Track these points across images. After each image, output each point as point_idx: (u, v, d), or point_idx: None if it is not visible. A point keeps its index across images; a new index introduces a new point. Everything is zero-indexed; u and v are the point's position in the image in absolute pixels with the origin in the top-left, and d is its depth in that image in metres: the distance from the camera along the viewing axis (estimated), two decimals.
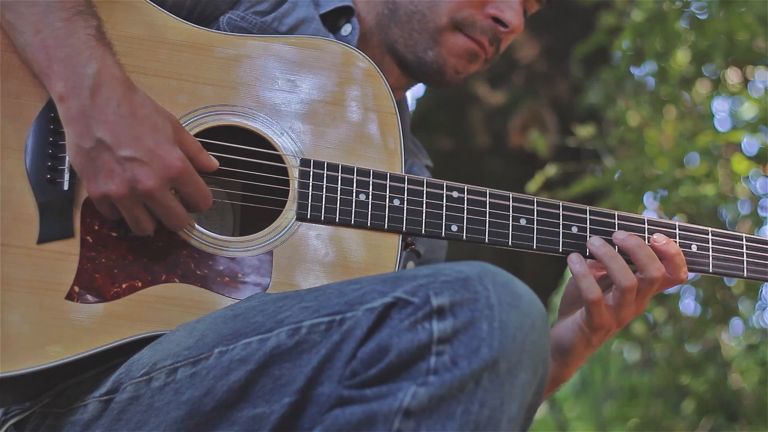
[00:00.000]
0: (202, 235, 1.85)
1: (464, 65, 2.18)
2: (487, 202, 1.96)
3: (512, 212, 1.97)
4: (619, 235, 1.96)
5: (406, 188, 1.94)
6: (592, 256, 1.96)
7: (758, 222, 5.56)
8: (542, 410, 6.97)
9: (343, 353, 1.57)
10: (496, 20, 2.14)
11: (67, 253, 1.79)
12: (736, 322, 6.13)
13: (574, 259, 1.93)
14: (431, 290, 1.54)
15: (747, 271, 2.05)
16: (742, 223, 5.95)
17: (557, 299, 5.78)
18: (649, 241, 1.97)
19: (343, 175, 1.92)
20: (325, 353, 1.59)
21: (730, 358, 5.81)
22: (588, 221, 2.00)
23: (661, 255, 1.95)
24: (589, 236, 1.98)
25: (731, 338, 6.12)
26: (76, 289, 1.77)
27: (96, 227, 1.81)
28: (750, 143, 5.37)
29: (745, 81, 5.66)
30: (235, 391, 1.64)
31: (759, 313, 5.99)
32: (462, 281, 1.55)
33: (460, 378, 1.50)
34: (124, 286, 1.80)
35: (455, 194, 1.96)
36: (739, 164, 5.13)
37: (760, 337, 5.96)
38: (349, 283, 1.65)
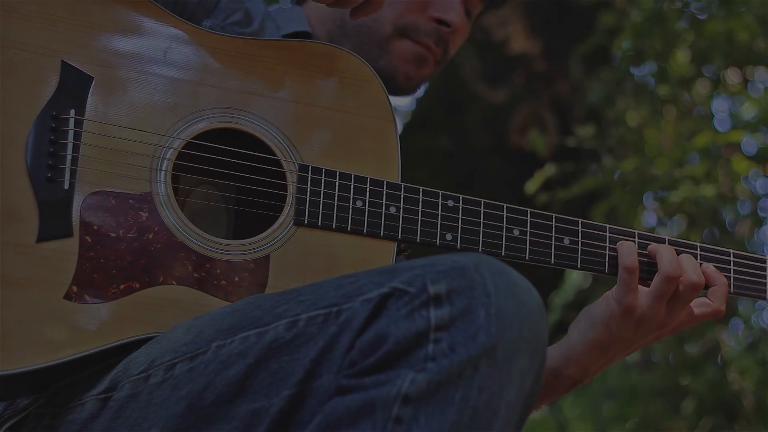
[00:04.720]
0: (200, 238, 1.85)
1: (414, 70, 2.31)
2: (482, 212, 1.98)
3: (506, 223, 1.99)
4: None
5: (402, 196, 1.95)
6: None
7: (758, 222, 5.57)
8: (542, 410, 6.96)
9: (341, 344, 1.58)
10: (439, 22, 2.28)
11: (66, 252, 1.78)
12: (736, 322, 6.13)
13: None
14: (428, 279, 1.55)
15: (733, 287, 2.07)
16: (742, 223, 5.96)
17: (557, 298, 5.79)
18: (701, 266, 2.02)
19: (341, 182, 1.93)
20: (322, 345, 1.59)
21: (730, 358, 5.80)
22: (580, 234, 2.02)
23: (711, 282, 2.02)
24: (582, 248, 2.02)
25: (731, 338, 6.11)
26: (74, 288, 1.77)
27: (95, 227, 1.80)
28: (750, 143, 5.37)
29: (745, 81, 5.66)
30: (234, 385, 1.64)
31: (759, 313, 6.00)
32: (458, 270, 1.56)
33: (459, 364, 1.50)
34: (122, 287, 1.79)
35: (450, 203, 1.98)
36: (739, 164, 5.14)
37: (760, 337, 5.96)
38: (346, 276, 1.66)
